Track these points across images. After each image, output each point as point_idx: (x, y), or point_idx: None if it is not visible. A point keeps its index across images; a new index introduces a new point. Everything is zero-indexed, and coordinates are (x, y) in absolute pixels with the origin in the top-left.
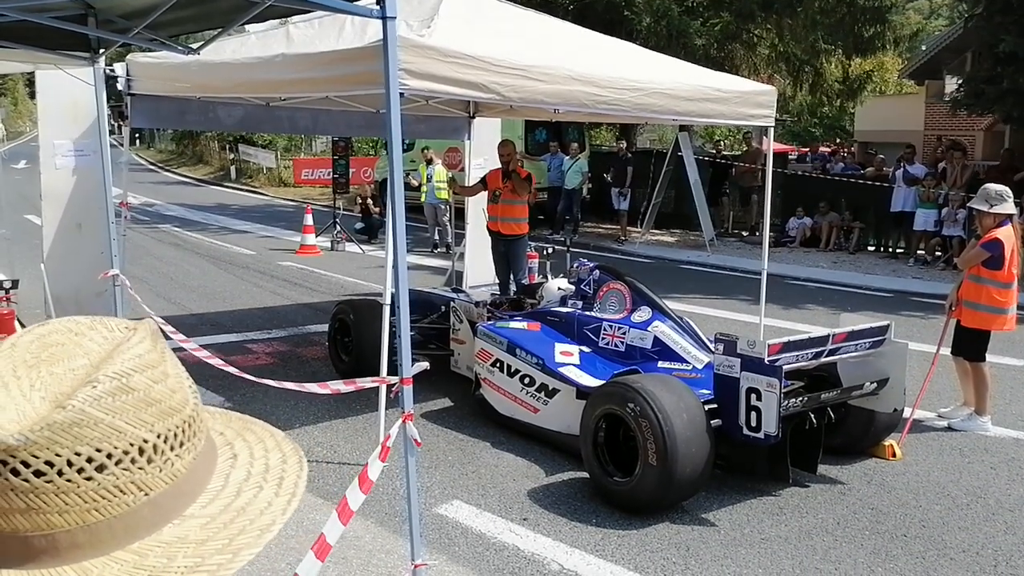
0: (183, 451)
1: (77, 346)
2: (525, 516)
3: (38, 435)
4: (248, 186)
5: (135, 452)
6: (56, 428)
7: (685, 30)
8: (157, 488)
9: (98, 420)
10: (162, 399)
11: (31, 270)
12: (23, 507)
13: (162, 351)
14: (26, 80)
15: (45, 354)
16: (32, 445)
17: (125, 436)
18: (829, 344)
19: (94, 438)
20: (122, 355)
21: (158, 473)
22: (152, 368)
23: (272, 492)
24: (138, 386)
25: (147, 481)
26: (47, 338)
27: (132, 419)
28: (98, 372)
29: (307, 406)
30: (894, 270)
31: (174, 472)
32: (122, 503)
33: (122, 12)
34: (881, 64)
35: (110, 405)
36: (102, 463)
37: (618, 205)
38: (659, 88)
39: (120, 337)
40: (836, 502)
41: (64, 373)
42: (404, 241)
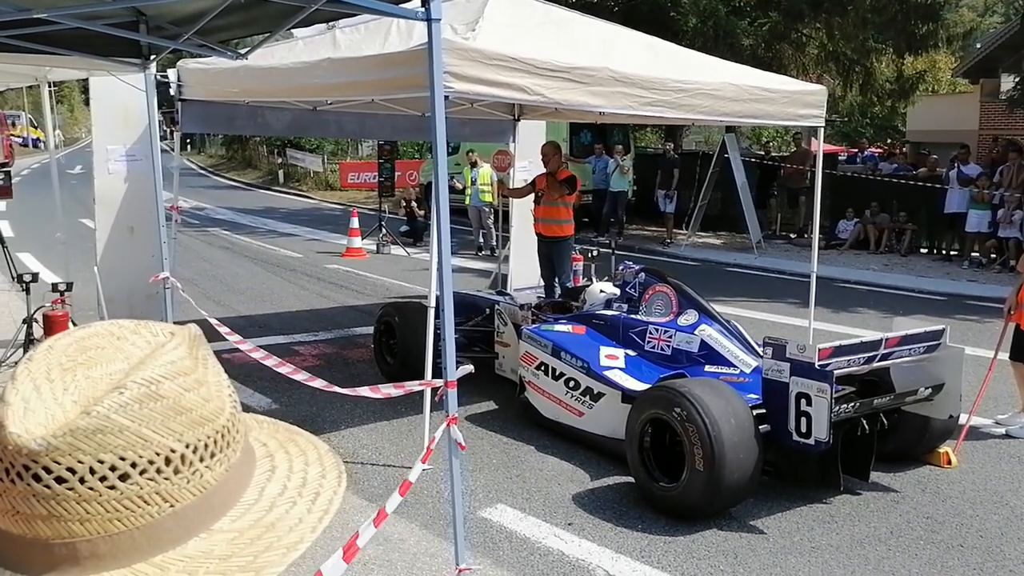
0: (214, 462)
1: (117, 350)
2: (570, 521)
3: (60, 441)
4: (295, 190)
5: (160, 462)
6: (79, 434)
7: (732, 30)
8: (184, 500)
9: (123, 427)
10: (193, 408)
11: (85, 273)
12: (44, 514)
13: (200, 358)
14: (81, 88)
15: (83, 357)
16: (54, 451)
17: (151, 445)
18: (882, 348)
19: (118, 446)
20: (154, 361)
21: (185, 484)
22: (185, 375)
23: (305, 508)
24: (168, 394)
25: (172, 492)
26: (86, 341)
27: (159, 427)
28: (127, 378)
29: (352, 408)
30: (948, 273)
31: (203, 484)
32: (145, 514)
33: (172, 18)
34: (934, 63)
35: (136, 412)
36: (125, 472)
37: (664, 207)
38: (706, 89)
39: (161, 341)
40: (889, 511)
41: (101, 377)
42: (449, 245)
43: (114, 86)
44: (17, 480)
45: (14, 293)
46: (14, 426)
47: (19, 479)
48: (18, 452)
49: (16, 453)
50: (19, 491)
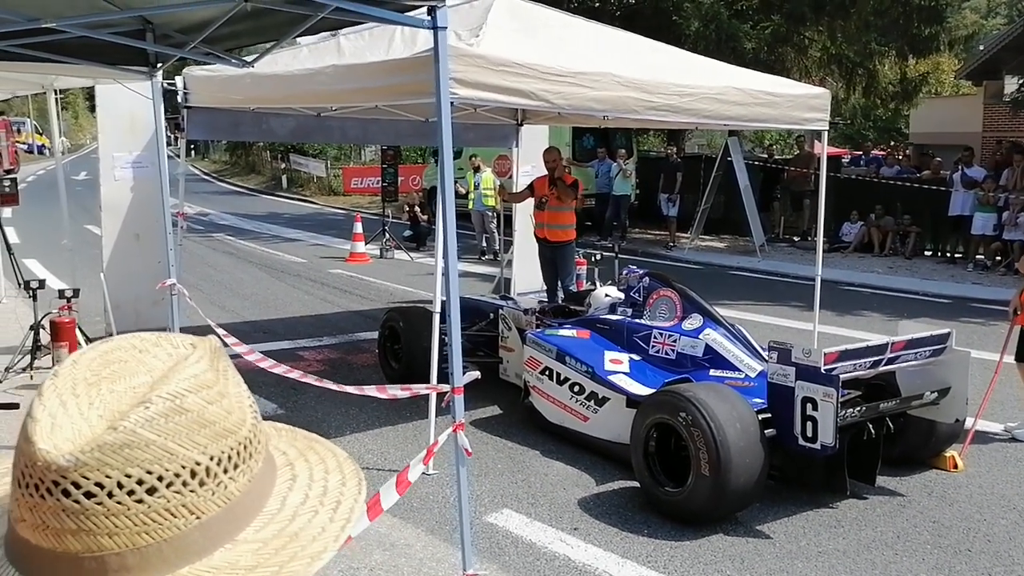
0: (237, 473)
1: (140, 363)
2: (576, 526)
3: (88, 456)
4: (299, 195)
5: (187, 475)
6: (107, 449)
7: (735, 34)
8: (209, 511)
9: (150, 442)
10: (216, 420)
11: (91, 279)
12: (74, 528)
13: (222, 370)
14: (86, 94)
15: (107, 371)
16: (82, 466)
17: (177, 458)
18: (888, 352)
19: (145, 460)
20: (178, 375)
21: (210, 496)
22: (207, 388)
23: (327, 517)
24: (192, 407)
25: (199, 504)
26: (110, 355)
27: (185, 441)
28: (152, 392)
29: (358, 413)
30: (952, 275)
31: (227, 495)
32: (173, 526)
33: (179, 27)
34: (937, 65)
35: (162, 426)
36: (153, 485)
37: (667, 211)
38: (709, 93)
39: (183, 354)
40: (896, 515)
41: (125, 391)
42: (455, 250)
43: (120, 94)
44: (47, 495)
45: (21, 300)
46: (43, 442)
47: (48, 494)
48: (47, 468)
49: (45, 469)
50: (49, 506)
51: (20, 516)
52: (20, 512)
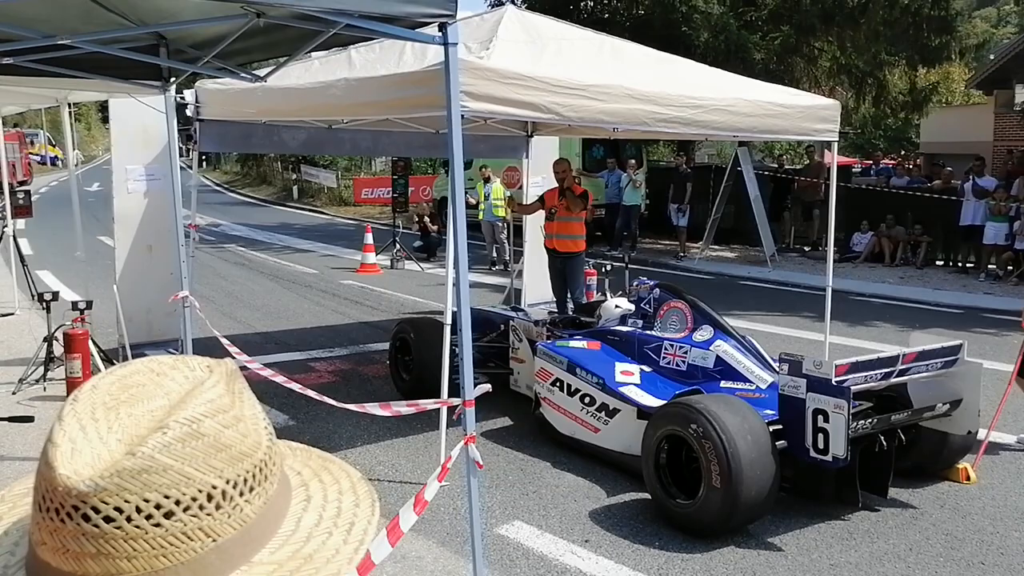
0: (253, 496)
1: (158, 387)
2: (587, 538)
3: (107, 481)
4: (310, 206)
5: (203, 498)
6: (125, 474)
7: (744, 44)
8: (225, 534)
9: (167, 466)
10: (232, 444)
11: (104, 291)
12: (93, 552)
13: (237, 392)
14: (99, 107)
15: (125, 395)
16: (102, 491)
17: (194, 482)
18: (899, 364)
19: (163, 484)
20: (195, 400)
21: (226, 519)
22: (223, 412)
23: (341, 539)
24: (208, 431)
25: (215, 527)
26: (128, 379)
27: (201, 465)
28: (169, 417)
29: (369, 424)
30: (964, 285)
31: (243, 518)
32: (190, 549)
33: (192, 42)
34: (947, 74)
35: (179, 451)
36: (170, 509)
37: (677, 221)
38: (720, 104)
39: (199, 377)
40: (908, 527)
41: (143, 415)
42: (466, 262)
43: (133, 107)
44: (67, 519)
45: (34, 311)
46: (63, 467)
47: (69, 519)
48: (68, 493)
49: (66, 494)
50: (69, 530)
51: (41, 539)
52: (41, 535)
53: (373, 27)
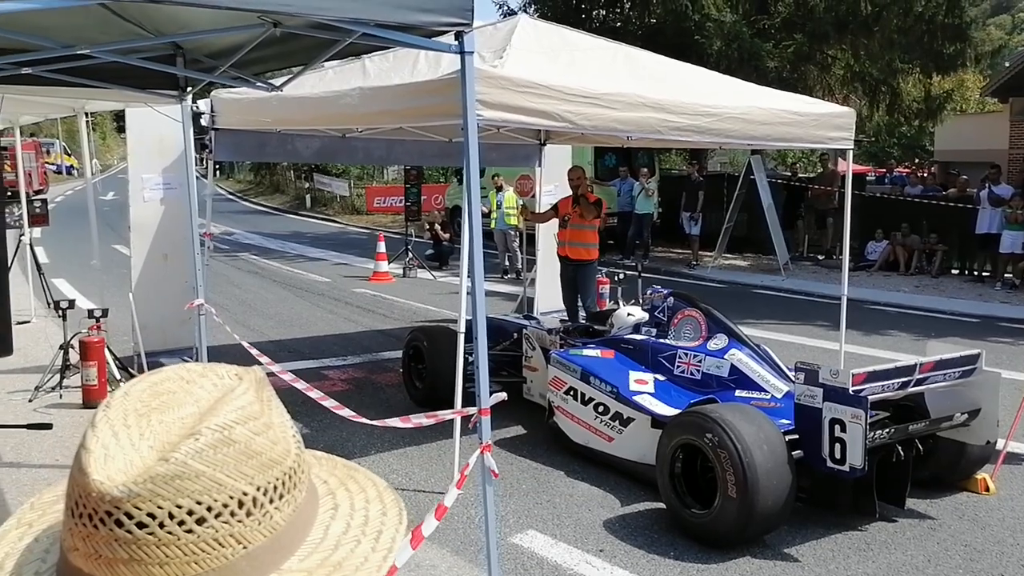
0: (282, 503)
1: (187, 394)
2: (601, 547)
3: (141, 487)
4: (322, 214)
5: (235, 505)
6: (158, 480)
7: (757, 52)
8: (256, 541)
9: (199, 473)
10: (263, 451)
11: (119, 299)
12: (126, 558)
13: (266, 400)
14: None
15: (156, 402)
16: (135, 497)
17: (225, 489)
18: (916, 373)
19: (195, 491)
20: (226, 407)
21: (257, 526)
22: (254, 419)
23: (369, 547)
24: (239, 438)
25: (246, 534)
26: (159, 386)
27: (232, 472)
28: (201, 424)
29: (382, 433)
30: (980, 294)
31: (273, 525)
32: (220, 556)
33: (209, 52)
34: (962, 82)
35: (211, 458)
36: (202, 516)
37: (689, 229)
38: (733, 113)
39: (228, 385)
40: (926, 538)
41: (173, 421)
42: (482, 270)
43: (149, 117)
44: (100, 525)
45: (51, 319)
46: (96, 473)
47: (102, 524)
48: (101, 498)
49: (99, 499)
50: (102, 536)
51: (73, 545)
52: (73, 541)
53: (390, 36)
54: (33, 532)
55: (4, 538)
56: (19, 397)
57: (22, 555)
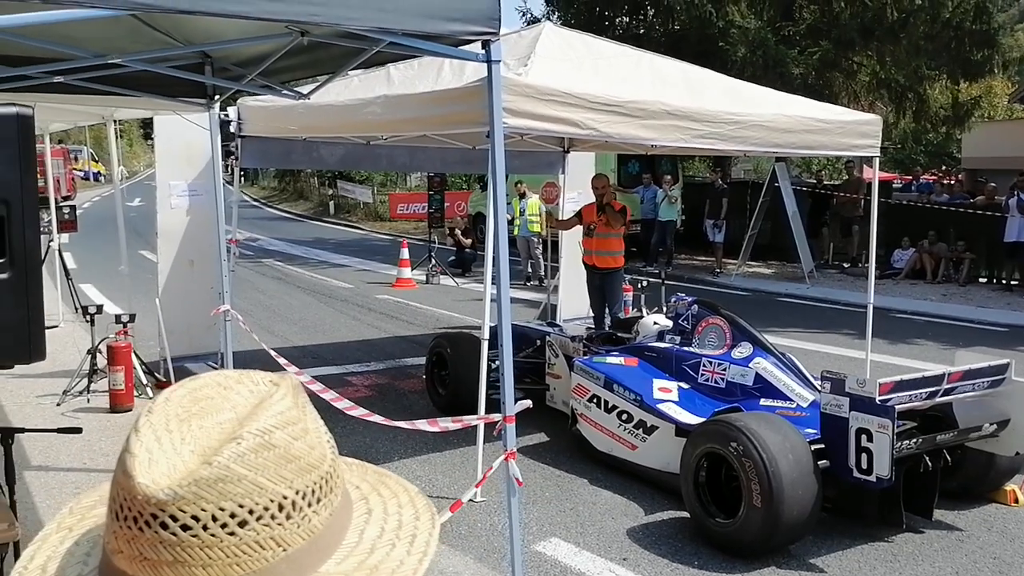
0: (320, 507)
1: (225, 400)
2: (625, 556)
3: (186, 490)
4: (346, 221)
5: (275, 508)
6: (202, 484)
7: (782, 59)
8: (295, 544)
9: (242, 476)
10: (301, 455)
11: (144, 304)
12: (170, 559)
13: (303, 406)
14: (140, 123)
15: (196, 408)
16: (180, 500)
17: (266, 492)
18: (944, 383)
19: (238, 494)
20: (265, 412)
21: (296, 529)
22: (293, 425)
23: (404, 550)
24: (279, 443)
25: (285, 537)
26: (198, 392)
27: (273, 475)
28: (242, 429)
29: (405, 440)
30: (1008, 303)
31: (311, 528)
32: (261, 558)
33: (237, 60)
34: (989, 88)
35: (253, 462)
36: (244, 519)
37: (713, 237)
38: (758, 120)
39: (264, 391)
40: (954, 550)
41: (212, 426)
42: (507, 277)
43: (177, 124)
44: (145, 528)
45: (78, 324)
46: (142, 476)
47: (147, 527)
48: (147, 502)
49: (145, 502)
50: (147, 538)
51: (117, 548)
52: (117, 544)
53: (417, 45)
54: (73, 536)
55: (45, 542)
56: (47, 401)
57: (64, 559)
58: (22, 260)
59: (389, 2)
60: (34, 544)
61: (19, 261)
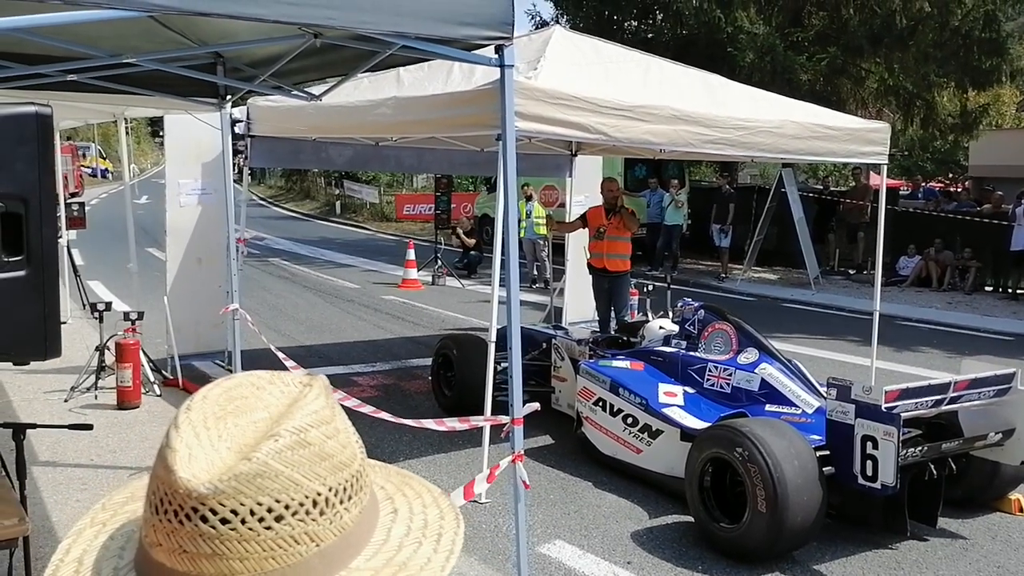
0: (351, 504)
1: (258, 399)
2: (629, 559)
3: (225, 485)
4: (352, 221)
5: (309, 504)
6: (241, 479)
7: (790, 65)
8: (327, 540)
9: (278, 472)
10: (334, 454)
11: (152, 302)
12: (209, 552)
13: (333, 406)
14: (148, 120)
15: (231, 406)
16: (220, 494)
17: (301, 488)
18: (950, 392)
19: (274, 489)
20: (301, 410)
21: (328, 525)
22: (326, 424)
23: (431, 548)
24: (314, 441)
25: (319, 532)
26: (233, 391)
27: (308, 472)
28: (279, 426)
29: (411, 440)
30: (1014, 312)
31: (343, 524)
32: (296, 553)
33: (249, 61)
34: (998, 97)
35: (289, 458)
36: (280, 514)
37: (719, 242)
38: (766, 126)
39: (295, 391)
40: (958, 558)
41: (247, 425)
42: (517, 280)
43: (187, 123)
44: (185, 521)
45: (86, 321)
46: (183, 471)
47: (187, 520)
48: (188, 495)
49: (186, 496)
50: (187, 531)
51: (157, 541)
52: (156, 537)
53: (430, 48)
54: (107, 531)
55: (80, 536)
56: (55, 397)
57: (99, 552)
58: (39, 258)
59: (404, 5)
60: (69, 538)
61: (36, 259)
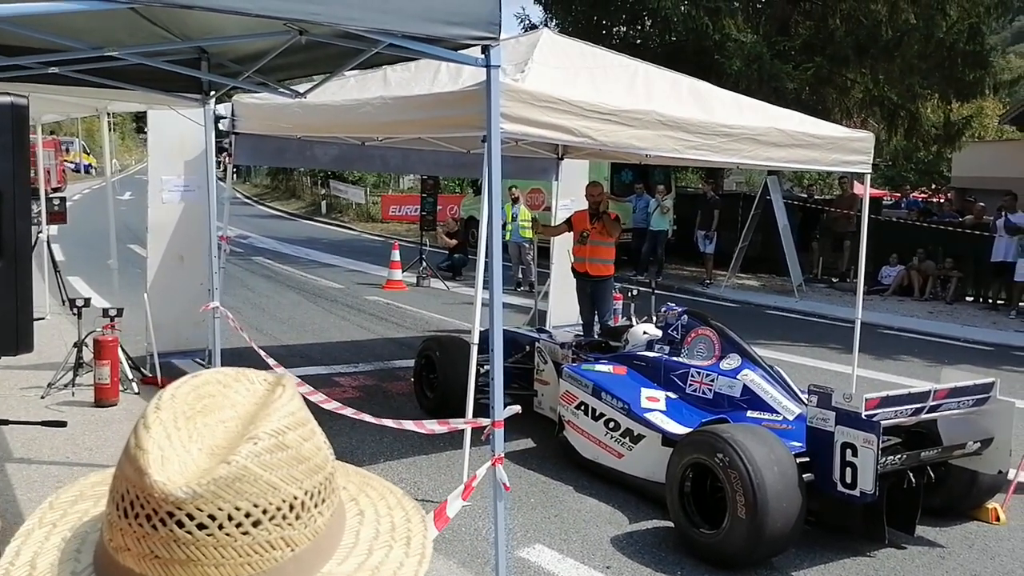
0: (324, 508)
1: (225, 398)
2: (608, 564)
3: (203, 489)
4: (338, 221)
5: (286, 508)
6: (220, 483)
7: (777, 74)
8: (302, 544)
9: (257, 476)
10: (310, 456)
11: (132, 298)
12: (183, 558)
13: (304, 407)
14: (133, 117)
15: (199, 405)
16: (198, 498)
17: (279, 493)
18: (930, 400)
19: (253, 493)
20: (277, 412)
21: (303, 529)
22: (302, 426)
23: (402, 552)
24: (291, 443)
25: (294, 537)
26: (201, 389)
27: (285, 476)
28: (256, 428)
29: (392, 441)
30: (994, 322)
31: (316, 528)
32: (271, 558)
33: (234, 57)
34: (981, 109)
35: (268, 462)
36: (258, 519)
37: (704, 248)
38: (751, 134)
39: (262, 390)
40: (935, 566)
41: (215, 425)
42: (500, 282)
43: (171, 118)
44: (159, 526)
45: (65, 317)
46: (157, 474)
47: (161, 525)
48: (164, 499)
49: (162, 500)
50: (160, 536)
51: (124, 545)
52: (124, 542)
53: (416, 47)
54: (59, 531)
55: (30, 538)
56: (32, 393)
57: (53, 555)
58: (12, 251)
59: (390, 3)
60: (17, 540)
61: (9, 252)
